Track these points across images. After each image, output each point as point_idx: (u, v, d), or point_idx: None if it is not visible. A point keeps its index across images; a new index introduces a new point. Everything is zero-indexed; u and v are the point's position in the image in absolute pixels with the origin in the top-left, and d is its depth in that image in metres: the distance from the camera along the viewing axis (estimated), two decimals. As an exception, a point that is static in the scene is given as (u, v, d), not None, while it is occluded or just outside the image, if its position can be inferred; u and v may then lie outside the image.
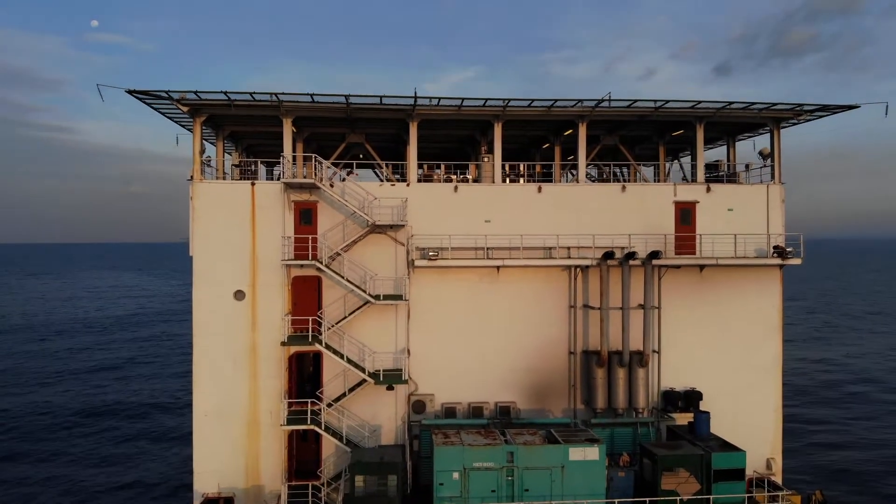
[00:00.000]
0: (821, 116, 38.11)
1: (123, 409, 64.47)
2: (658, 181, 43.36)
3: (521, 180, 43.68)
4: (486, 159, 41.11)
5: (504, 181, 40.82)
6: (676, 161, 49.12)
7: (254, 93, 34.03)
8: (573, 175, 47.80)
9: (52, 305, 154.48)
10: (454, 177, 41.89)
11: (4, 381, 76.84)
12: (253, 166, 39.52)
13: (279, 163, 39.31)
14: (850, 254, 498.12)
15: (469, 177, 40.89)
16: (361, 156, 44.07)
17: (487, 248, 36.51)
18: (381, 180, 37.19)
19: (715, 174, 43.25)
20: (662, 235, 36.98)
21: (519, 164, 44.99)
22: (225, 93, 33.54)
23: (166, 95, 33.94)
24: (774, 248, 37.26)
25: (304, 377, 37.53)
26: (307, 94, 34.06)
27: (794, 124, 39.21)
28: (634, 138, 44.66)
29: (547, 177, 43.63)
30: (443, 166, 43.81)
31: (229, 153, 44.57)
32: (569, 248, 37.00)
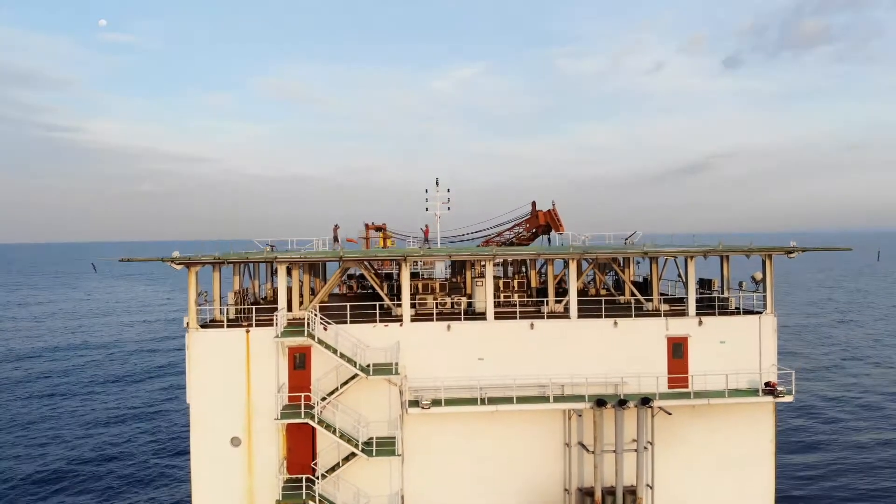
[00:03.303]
0: (813, 251, 38.33)
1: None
2: (649, 297, 43.42)
3: (515, 296, 44.12)
4: (479, 284, 41.42)
5: (497, 298, 41.26)
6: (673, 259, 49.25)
7: (248, 254, 34.46)
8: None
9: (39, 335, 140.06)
10: (449, 298, 42.27)
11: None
12: (247, 312, 39.64)
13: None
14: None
15: (462, 299, 41.31)
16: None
17: (481, 388, 36.75)
18: (376, 320, 37.49)
19: (708, 292, 43.44)
20: (655, 378, 37.07)
21: (512, 282, 45.33)
22: (216, 257, 33.95)
23: (159, 260, 34.38)
24: (766, 384, 37.43)
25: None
26: (299, 254, 34.48)
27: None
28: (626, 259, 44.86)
29: (542, 291, 43.93)
30: (437, 287, 44.20)
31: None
32: (562, 386, 37.23)
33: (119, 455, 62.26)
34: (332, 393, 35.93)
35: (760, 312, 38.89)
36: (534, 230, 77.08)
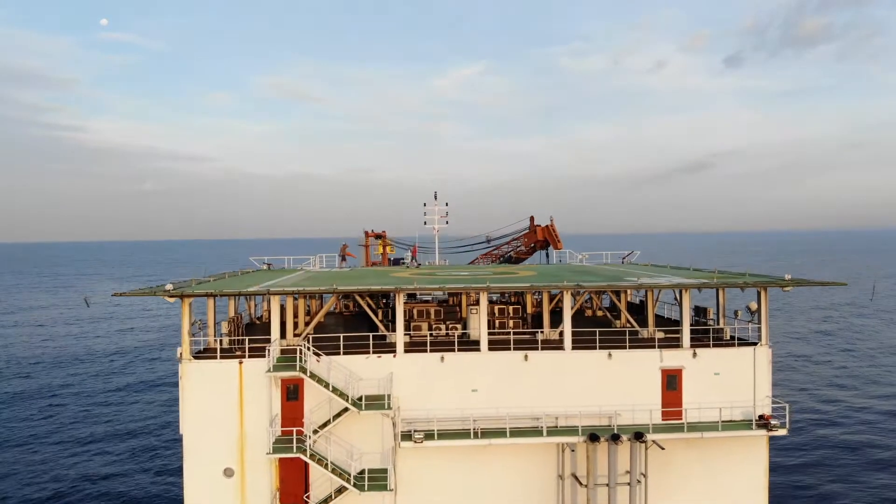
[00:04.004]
0: (806, 285, 38.25)
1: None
2: (645, 321, 43.31)
3: (511, 322, 44.09)
4: (473, 311, 41.32)
5: (492, 324, 41.24)
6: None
7: (241, 291, 34.37)
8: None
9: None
10: (443, 325, 42.25)
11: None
12: (241, 342, 39.58)
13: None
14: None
15: (457, 326, 41.30)
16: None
17: (474, 420, 36.69)
18: (369, 351, 37.41)
19: (703, 320, 43.37)
20: (649, 410, 37.00)
21: (508, 308, 45.23)
22: (209, 293, 33.89)
23: (153, 294, 34.35)
24: (759, 417, 37.33)
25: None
26: (293, 290, 34.40)
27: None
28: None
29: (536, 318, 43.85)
30: (432, 312, 44.14)
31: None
32: (556, 418, 37.16)
33: (117, 473, 62.15)
34: (324, 425, 35.93)
35: (755, 343, 38.78)
36: (532, 245, 77.14)
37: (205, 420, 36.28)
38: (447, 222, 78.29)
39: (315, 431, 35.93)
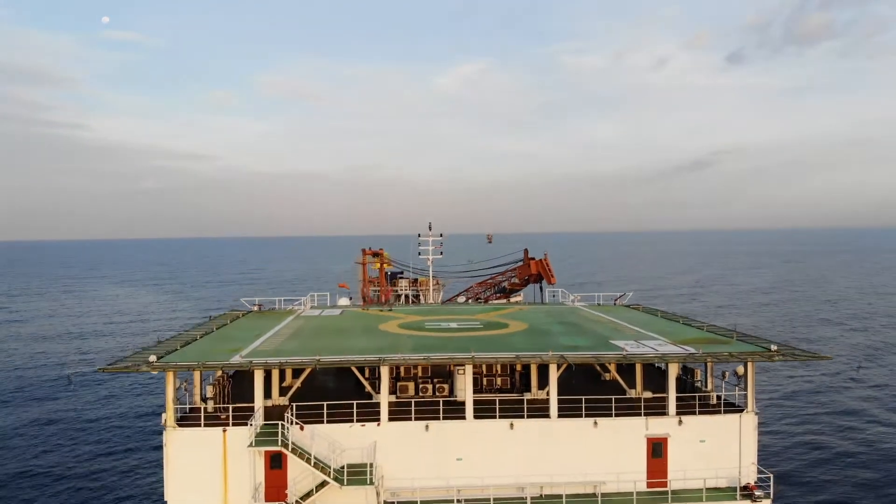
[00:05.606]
0: (792, 359, 38.26)
1: None
2: (632, 390, 42.95)
3: (499, 380, 44.08)
4: (460, 372, 41.31)
5: (479, 382, 41.16)
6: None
7: (224, 364, 34.39)
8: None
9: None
10: (430, 384, 42.27)
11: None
12: (226, 400, 39.67)
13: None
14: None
15: (444, 385, 41.25)
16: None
17: (458, 490, 36.67)
18: (353, 419, 37.41)
19: (691, 380, 43.32)
20: (633, 481, 36.96)
21: (496, 365, 45.20)
22: (191, 367, 33.92)
23: (137, 370, 34.36)
24: (743, 488, 37.31)
25: None
26: (277, 363, 34.42)
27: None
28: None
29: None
30: (419, 370, 44.12)
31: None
32: (541, 487, 37.14)
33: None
34: (308, 495, 35.91)
35: (741, 409, 38.75)
36: (526, 278, 77.23)
37: (189, 487, 36.32)
38: (441, 253, 78.39)
39: (299, 502, 35.88)
